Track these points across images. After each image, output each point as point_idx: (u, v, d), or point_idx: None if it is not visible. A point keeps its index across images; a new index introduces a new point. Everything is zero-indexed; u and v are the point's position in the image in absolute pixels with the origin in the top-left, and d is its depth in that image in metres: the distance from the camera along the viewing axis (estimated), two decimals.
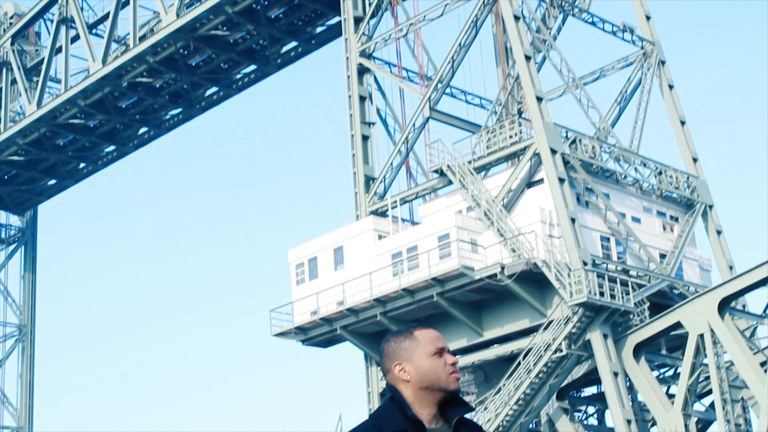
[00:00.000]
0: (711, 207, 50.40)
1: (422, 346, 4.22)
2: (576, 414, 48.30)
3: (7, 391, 70.25)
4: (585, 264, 42.33)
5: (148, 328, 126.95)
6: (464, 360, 45.83)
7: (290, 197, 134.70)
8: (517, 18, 46.27)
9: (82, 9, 60.37)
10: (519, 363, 42.86)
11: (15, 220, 73.66)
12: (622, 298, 42.58)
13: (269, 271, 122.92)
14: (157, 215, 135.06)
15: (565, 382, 44.54)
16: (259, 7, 55.40)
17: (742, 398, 42.98)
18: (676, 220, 49.49)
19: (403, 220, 49.22)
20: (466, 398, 45.35)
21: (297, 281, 49.78)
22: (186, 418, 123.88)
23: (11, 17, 66.91)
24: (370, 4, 51.13)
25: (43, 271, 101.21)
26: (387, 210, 48.81)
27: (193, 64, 59.41)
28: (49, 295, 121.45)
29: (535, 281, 43.40)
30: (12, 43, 64.57)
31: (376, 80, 51.75)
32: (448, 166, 45.93)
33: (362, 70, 51.08)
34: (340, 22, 53.27)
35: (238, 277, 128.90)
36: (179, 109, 63.23)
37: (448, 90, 51.52)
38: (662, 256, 47.74)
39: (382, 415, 4.17)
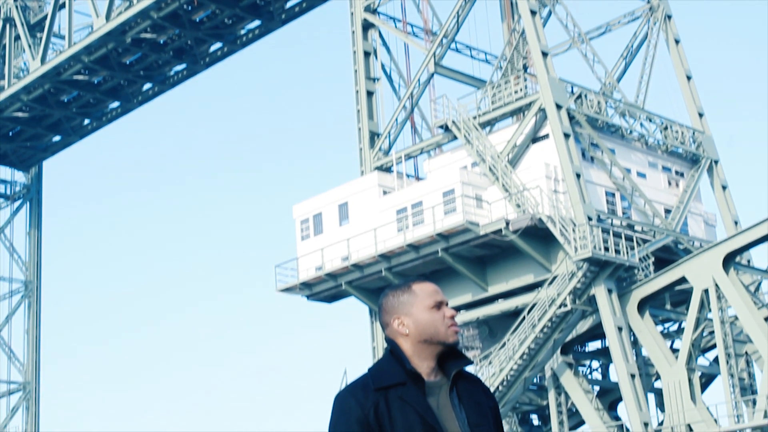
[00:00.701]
0: (716, 162, 50.32)
1: (420, 300, 4.23)
2: (580, 368, 48.50)
3: (14, 346, 70.68)
4: (590, 219, 42.34)
5: (153, 283, 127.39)
6: (469, 315, 45.98)
7: (295, 153, 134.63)
8: None
9: None
10: (523, 318, 43.00)
11: (20, 177, 73.73)
12: (627, 253, 42.63)
13: (274, 226, 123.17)
14: (162, 171, 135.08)
15: (570, 337, 44.70)
16: None
17: (746, 353, 43.16)
18: (682, 175, 49.44)
19: (408, 175, 49.21)
20: (470, 353, 45.57)
21: (302, 237, 49.86)
22: (192, 371, 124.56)
23: None
24: None
25: (48, 227, 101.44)
26: (392, 166, 48.79)
27: (197, 19, 59.12)
28: (54, 251, 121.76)
29: (540, 236, 43.44)
30: None
31: (380, 35, 51.53)
32: (453, 121, 45.85)
33: (367, 26, 50.87)
34: None
35: (243, 233, 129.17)
36: (183, 65, 63.03)
37: (453, 45, 51.31)
38: (667, 211, 47.73)
39: (382, 368, 4.20)
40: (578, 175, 43.30)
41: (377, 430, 4.04)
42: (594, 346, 49.91)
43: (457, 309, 45.99)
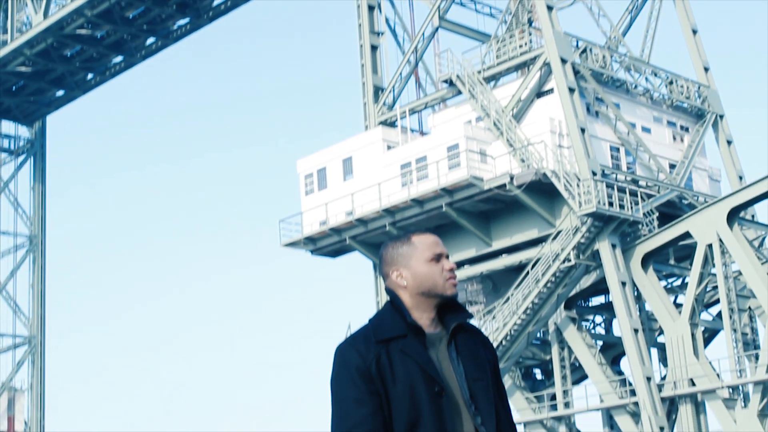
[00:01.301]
0: (722, 117, 50.16)
1: (419, 252, 4.21)
2: (584, 323, 48.64)
3: (19, 301, 70.95)
4: (594, 174, 42.28)
5: (158, 238, 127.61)
6: (473, 270, 46.05)
7: (299, 108, 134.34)
8: None
9: None
10: (527, 273, 43.07)
11: (24, 132, 73.62)
12: (631, 208, 42.61)
13: (279, 181, 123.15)
14: (166, 126, 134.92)
15: (573, 292, 44.80)
16: None
17: (749, 308, 43.24)
18: (687, 130, 49.29)
19: (412, 130, 49.09)
20: (474, 308, 45.70)
21: (306, 192, 49.85)
22: (197, 326, 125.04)
23: None
24: None
25: (52, 182, 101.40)
26: (396, 120, 48.68)
27: None
28: (58, 206, 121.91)
29: (544, 191, 43.41)
30: None
31: None
32: (458, 76, 45.67)
33: None
34: None
35: (247, 188, 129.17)
36: (187, 19, 62.72)
37: None
38: (672, 166, 47.65)
39: (383, 320, 4.20)
40: (583, 130, 43.19)
41: (379, 382, 4.05)
42: (597, 301, 50.04)
43: (461, 264, 46.05)
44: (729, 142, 50.03)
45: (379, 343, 4.10)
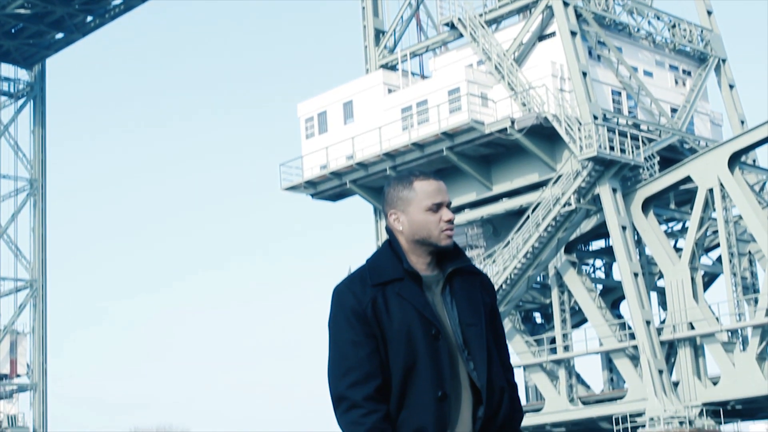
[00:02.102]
0: (724, 61, 49.91)
1: (418, 200, 4.17)
2: (584, 267, 48.76)
3: (20, 244, 71.06)
4: (595, 118, 42.16)
5: (158, 181, 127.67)
6: (473, 214, 46.07)
7: (300, 51, 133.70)
8: None
9: None
10: (528, 217, 43.08)
11: (24, 75, 73.31)
12: (632, 152, 42.53)
13: (279, 125, 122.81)
14: (166, 69, 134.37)
15: (574, 236, 44.84)
16: None
17: (749, 252, 43.33)
18: (689, 74, 49.07)
19: (413, 74, 48.87)
20: (474, 252, 45.78)
21: (306, 135, 49.73)
22: (197, 269, 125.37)
23: None
24: None
25: (52, 125, 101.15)
26: (397, 64, 48.46)
27: None
28: (59, 149, 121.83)
29: (545, 135, 43.31)
30: None
31: None
32: (459, 19, 45.37)
33: None
34: None
35: (249, 132, 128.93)
36: None
37: None
38: (673, 110, 47.49)
39: (380, 262, 4.19)
40: (584, 74, 42.99)
41: (375, 324, 4.06)
42: (598, 245, 50.11)
43: (462, 208, 46.05)
44: (731, 87, 49.83)
45: (376, 286, 4.10)
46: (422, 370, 4.04)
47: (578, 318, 47.26)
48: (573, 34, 43.27)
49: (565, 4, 43.38)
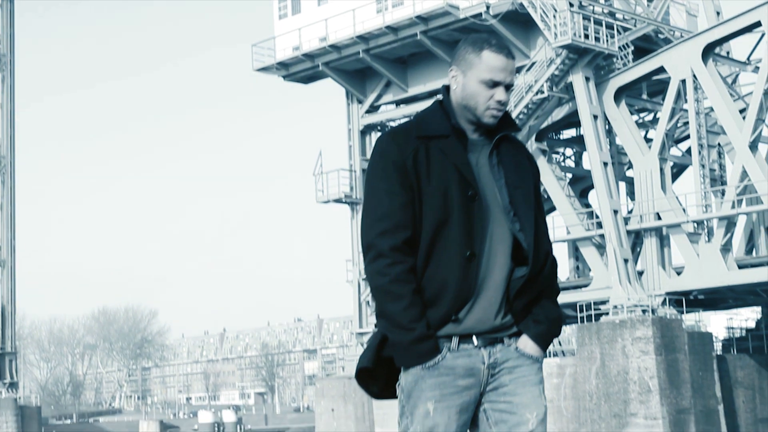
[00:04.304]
0: None
1: (479, 69, 4.11)
2: (554, 156, 48.89)
3: None
4: (571, 5, 41.79)
5: (132, 59, 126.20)
6: None
7: None
8: None
9: None
10: None
11: None
12: (607, 41, 42.31)
13: (252, 4, 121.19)
14: None
15: (545, 124, 44.86)
16: None
17: (718, 144, 43.48)
18: None
19: None
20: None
21: (279, 16, 49.15)
22: (168, 146, 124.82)
23: None
24: None
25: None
26: None
27: None
28: (28, 25, 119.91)
29: (520, 21, 43.00)
30: None
31: None
32: None
33: None
34: None
35: (220, 12, 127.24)
36: None
37: None
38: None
39: (427, 117, 4.17)
40: None
41: (413, 176, 4.05)
42: (569, 134, 50.18)
43: (434, 93, 45.85)
44: None
45: (420, 139, 4.09)
46: (453, 228, 4.03)
47: (547, 206, 47.47)
48: None
49: None
